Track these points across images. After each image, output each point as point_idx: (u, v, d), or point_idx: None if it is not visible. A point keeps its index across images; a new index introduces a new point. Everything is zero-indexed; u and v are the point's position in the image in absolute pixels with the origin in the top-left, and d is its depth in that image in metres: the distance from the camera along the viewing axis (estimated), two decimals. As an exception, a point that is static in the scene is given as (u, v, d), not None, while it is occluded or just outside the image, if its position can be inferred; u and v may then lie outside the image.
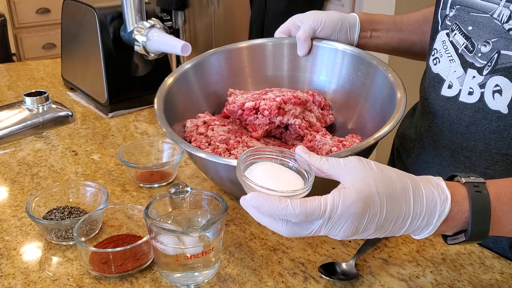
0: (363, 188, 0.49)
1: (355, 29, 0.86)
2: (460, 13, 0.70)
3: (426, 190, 0.51)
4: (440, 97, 0.74)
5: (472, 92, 0.69)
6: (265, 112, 0.78)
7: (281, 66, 0.92)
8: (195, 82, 0.88)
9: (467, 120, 0.71)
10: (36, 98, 1.05)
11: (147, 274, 0.66)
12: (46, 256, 0.69)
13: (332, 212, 0.49)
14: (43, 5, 3.12)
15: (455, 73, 0.71)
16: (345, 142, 0.78)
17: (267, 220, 0.52)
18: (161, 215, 0.66)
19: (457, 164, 0.74)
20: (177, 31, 3.32)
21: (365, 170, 0.51)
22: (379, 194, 0.49)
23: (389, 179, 0.50)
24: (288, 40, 0.89)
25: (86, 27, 1.12)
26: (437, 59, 0.75)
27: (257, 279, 0.65)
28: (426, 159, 0.80)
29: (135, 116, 1.14)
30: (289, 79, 0.92)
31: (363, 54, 0.84)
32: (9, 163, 0.93)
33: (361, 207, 0.49)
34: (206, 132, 0.80)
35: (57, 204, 0.77)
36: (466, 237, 0.52)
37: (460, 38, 0.70)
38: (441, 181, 0.52)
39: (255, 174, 0.54)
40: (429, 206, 0.51)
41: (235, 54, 0.92)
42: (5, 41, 2.08)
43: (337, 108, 0.89)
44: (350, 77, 0.86)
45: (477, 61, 0.68)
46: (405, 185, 0.51)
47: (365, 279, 0.65)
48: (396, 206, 0.50)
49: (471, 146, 0.72)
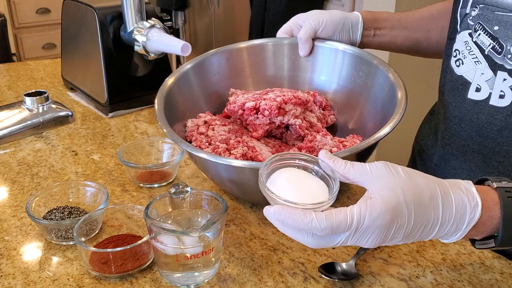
0: (391, 197, 0.48)
1: (358, 28, 0.85)
2: (484, 12, 0.67)
3: (455, 196, 0.50)
4: (467, 101, 0.71)
5: (503, 95, 0.67)
6: (265, 112, 0.78)
7: (282, 66, 0.92)
8: (196, 82, 0.88)
9: (499, 125, 0.68)
10: (36, 98, 1.05)
11: (147, 274, 0.66)
12: (46, 256, 0.69)
13: (359, 224, 0.48)
14: (43, 5, 3.12)
15: (483, 75, 0.68)
16: (345, 142, 0.77)
17: (292, 232, 0.51)
18: (161, 215, 0.66)
19: (490, 169, 0.72)
20: (177, 31, 3.32)
21: (392, 177, 0.49)
22: (407, 203, 0.48)
23: (417, 186, 0.49)
24: (289, 40, 0.89)
25: (86, 27, 1.12)
26: (460, 60, 0.72)
27: (257, 279, 0.65)
28: (453, 165, 0.77)
29: (135, 116, 1.14)
30: (290, 79, 0.92)
31: (364, 54, 0.84)
32: (9, 163, 0.93)
33: (389, 219, 0.48)
34: (206, 132, 0.80)
35: (57, 204, 0.77)
36: (496, 243, 0.52)
37: (486, 38, 0.67)
38: (471, 186, 0.51)
39: (278, 184, 0.52)
40: (459, 212, 0.50)
41: (236, 54, 0.92)
42: (5, 41, 2.08)
43: (338, 108, 0.89)
44: (351, 77, 0.86)
45: (507, 63, 0.65)
46: (434, 192, 0.49)
47: (365, 279, 0.65)
48: (424, 214, 0.49)
49: (503, 151, 0.69)
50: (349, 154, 0.64)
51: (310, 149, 0.77)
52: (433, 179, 0.51)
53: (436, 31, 0.86)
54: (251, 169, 0.64)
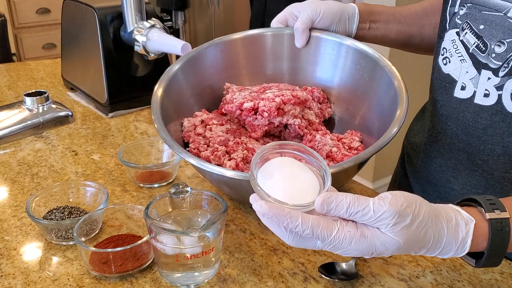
0: (379, 248, 0.49)
1: (354, 20, 0.84)
2: (472, 11, 0.67)
3: (445, 245, 0.50)
4: (453, 99, 0.72)
5: (488, 94, 0.67)
6: (264, 114, 0.77)
7: (281, 57, 0.89)
8: (190, 77, 0.85)
9: (484, 123, 0.69)
10: (36, 98, 1.05)
11: (147, 274, 0.66)
12: (46, 256, 0.69)
13: (339, 245, 0.49)
14: (43, 5, 3.12)
15: (467, 74, 0.69)
16: (344, 139, 0.78)
17: (275, 228, 0.51)
18: (161, 215, 0.66)
19: (474, 167, 0.72)
20: (177, 31, 3.32)
21: (397, 231, 0.48)
22: (392, 253, 0.49)
23: (414, 241, 0.49)
24: (289, 30, 0.86)
25: (86, 27, 1.12)
26: (447, 58, 0.72)
27: (257, 279, 0.65)
28: (439, 163, 0.77)
29: (135, 116, 1.14)
30: (289, 71, 0.89)
31: (364, 47, 0.82)
32: (9, 163, 0.93)
33: (367, 254, 0.50)
34: (204, 132, 0.79)
35: (57, 204, 0.77)
36: (477, 265, 0.53)
37: (471, 37, 0.68)
38: (468, 237, 0.51)
39: (269, 175, 0.52)
40: (445, 249, 0.51)
41: (231, 46, 0.89)
42: (5, 41, 2.08)
43: (336, 101, 0.87)
44: (350, 70, 0.84)
45: (492, 62, 0.66)
46: (425, 245, 0.50)
47: (365, 279, 0.65)
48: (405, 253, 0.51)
49: (488, 150, 0.70)
50: (352, 164, 0.64)
51: None
52: (433, 228, 0.50)
53: (429, 26, 0.86)
54: (246, 181, 0.61)
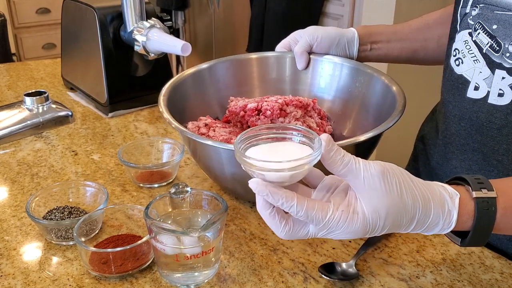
0: (372, 219, 0.49)
1: (354, 44, 0.89)
2: (484, 11, 0.67)
3: (432, 217, 0.51)
4: (466, 100, 0.71)
5: (502, 94, 0.67)
6: (267, 113, 0.79)
7: (283, 78, 0.96)
8: (195, 90, 0.90)
9: (498, 123, 0.68)
10: (36, 98, 1.05)
11: (147, 274, 0.66)
12: (46, 256, 0.69)
13: (333, 227, 0.50)
14: (43, 5, 3.12)
15: (481, 74, 0.69)
16: None
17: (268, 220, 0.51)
18: (161, 215, 0.66)
19: (490, 168, 0.72)
20: (177, 31, 3.32)
21: (383, 195, 0.49)
22: (384, 226, 0.50)
23: (403, 207, 0.50)
24: (290, 54, 0.93)
25: (86, 27, 1.12)
26: (459, 59, 0.72)
27: (257, 279, 0.65)
28: (454, 164, 0.77)
29: (135, 116, 1.14)
30: (292, 92, 0.95)
31: (360, 66, 0.88)
32: (9, 163, 0.93)
33: (361, 234, 0.50)
34: (207, 132, 0.80)
35: (57, 204, 0.77)
36: (462, 244, 0.54)
37: (484, 37, 0.67)
38: (453, 209, 0.51)
39: (256, 146, 0.52)
40: (433, 222, 0.51)
41: (240, 64, 0.96)
42: (5, 41, 2.09)
43: (336, 119, 0.91)
44: (349, 88, 0.89)
45: (506, 62, 0.65)
46: (414, 215, 0.50)
47: (365, 279, 0.65)
48: (396, 230, 0.51)
49: (503, 150, 0.69)
50: (349, 144, 0.66)
51: None
52: (421, 196, 0.50)
53: (432, 40, 0.89)
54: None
